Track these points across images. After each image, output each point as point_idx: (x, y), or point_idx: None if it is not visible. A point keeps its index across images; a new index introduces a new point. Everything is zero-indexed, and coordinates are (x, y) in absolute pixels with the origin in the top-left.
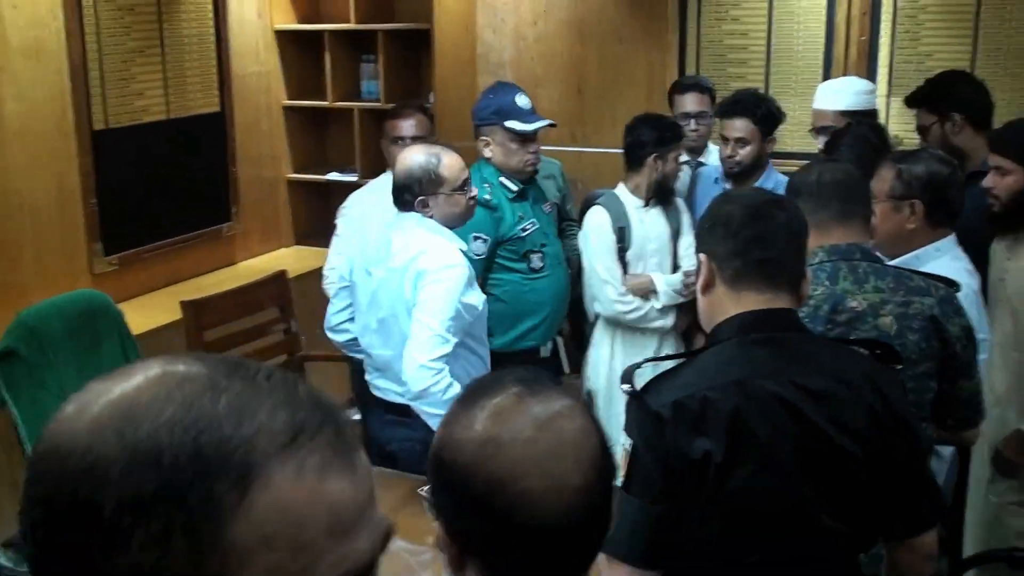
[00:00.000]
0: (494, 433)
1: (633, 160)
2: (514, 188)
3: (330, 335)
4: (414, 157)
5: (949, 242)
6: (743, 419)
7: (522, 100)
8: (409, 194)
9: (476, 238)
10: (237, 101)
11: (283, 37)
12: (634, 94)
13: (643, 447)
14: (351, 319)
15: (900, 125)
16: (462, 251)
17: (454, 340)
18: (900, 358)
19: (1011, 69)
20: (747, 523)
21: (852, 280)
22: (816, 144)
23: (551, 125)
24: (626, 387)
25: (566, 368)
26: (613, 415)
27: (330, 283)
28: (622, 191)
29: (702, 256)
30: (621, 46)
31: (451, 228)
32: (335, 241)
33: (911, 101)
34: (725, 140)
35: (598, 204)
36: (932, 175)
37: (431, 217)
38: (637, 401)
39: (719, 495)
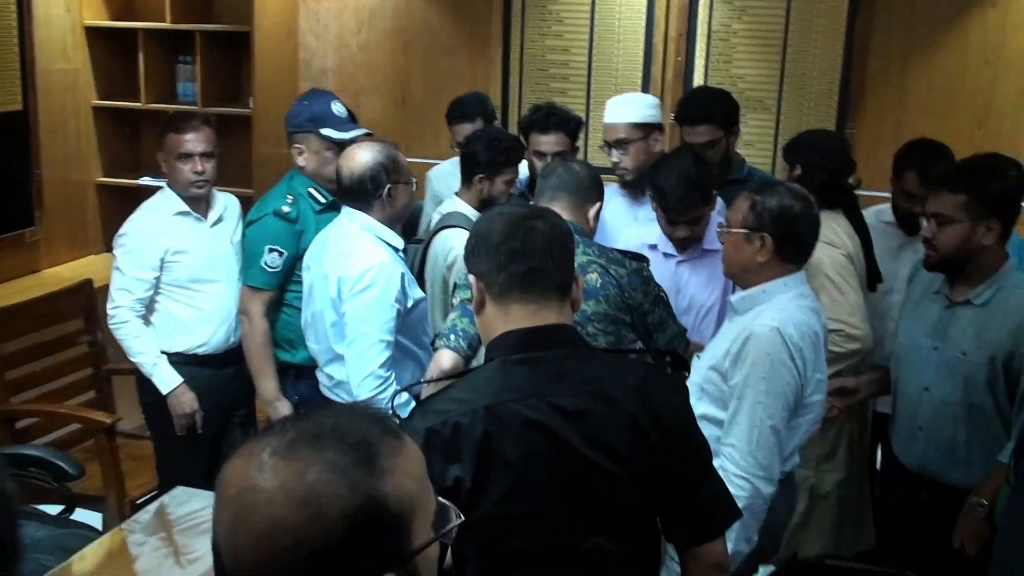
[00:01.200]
0: None
1: (464, 175)
2: (323, 200)
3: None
4: (373, 149)
5: (796, 279)
6: (493, 444)
7: (337, 107)
8: (373, 184)
9: (271, 250)
10: (42, 99)
11: (93, 34)
12: None
13: None
14: None
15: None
16: (397, 248)
17: (392, 340)
18: (687, 365)
19: (814, 94)
20: (502, 548)
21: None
22: (609, 158)
23: (367, 134)
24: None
25: None
26: None
27: (119, 322)
28: (465, 208)
29: (471, 277)
30: (445, 58)
31: (400, 220)
32: (116, 276)
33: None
34: (540, 155)
35: (458, 229)
36: (784, 210)
37: (390, 209)
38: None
39: (470, 521)
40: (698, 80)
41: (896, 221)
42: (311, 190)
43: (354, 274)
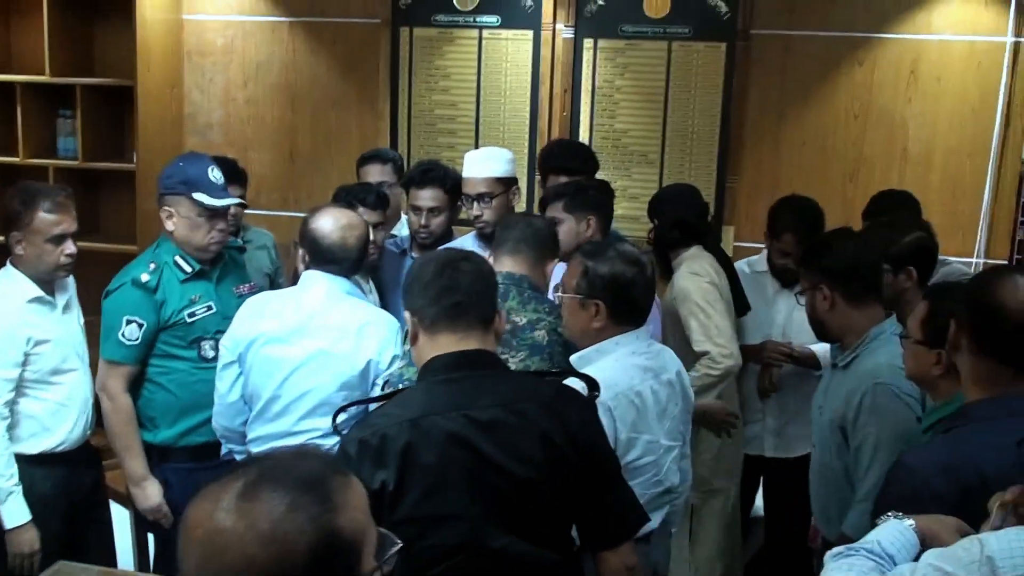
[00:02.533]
0: None
1: None
2: (188, 269)
3: None
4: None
5: (630, 337)
6: (414, 452)
7: (215, 174)
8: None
9: (129, 321)
10: None
11: None
12: (347, 160)
13: None
14: None
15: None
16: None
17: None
18: (599, 387)
19: (696, 148)
20: (420, 546)
21: (519, 301)
22: (469, 212)
23: (241, 204)
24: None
25: None
26: None
27: None
28: None
29: (407, 313)
30: (333, 112)
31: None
32: None
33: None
34: (417, 210)
35: None
36: (615, 277)
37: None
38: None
39: (394, 519)
40: (583, 134)
41: (771, 272)
42: (177, 258)
43: (388, 354)
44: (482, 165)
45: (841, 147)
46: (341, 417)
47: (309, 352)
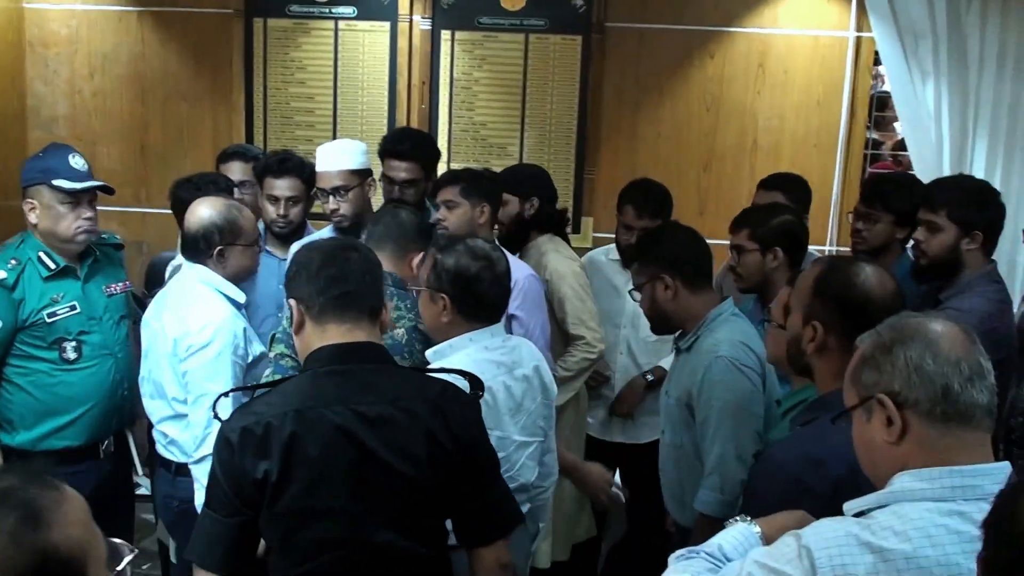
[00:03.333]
0: None
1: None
2: (53, 266)
3: None
4: (213, 205)
5: (485, 333)
6: (299, 443)
7: (76, 161)
8: (205, 243)
9: None
10: None
11: None
12: (200, 154)
13: (218, 467)
14: None
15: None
16: (239, 303)
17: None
18: (483, 386)
19: (554, 140)
20: (301, 537)
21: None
22: (325, 206)
23: (104, 188)
24: (212, 414)
25: (139, 467)
26: None
27: None
28: None
29: (291, 301)
30: (186, 104)
31: (241, 279)
32: None
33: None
34: (274, 200)
35: None
36: (460, 271)
37: (222, 270)
38: (221, 427)
39: (275, 510)
40: (443, 127)
41: (620, 256)
42: (41, 254)
43: (193, 330)
44: (336, 158)
45: (695, 139)
46: (223, 403)
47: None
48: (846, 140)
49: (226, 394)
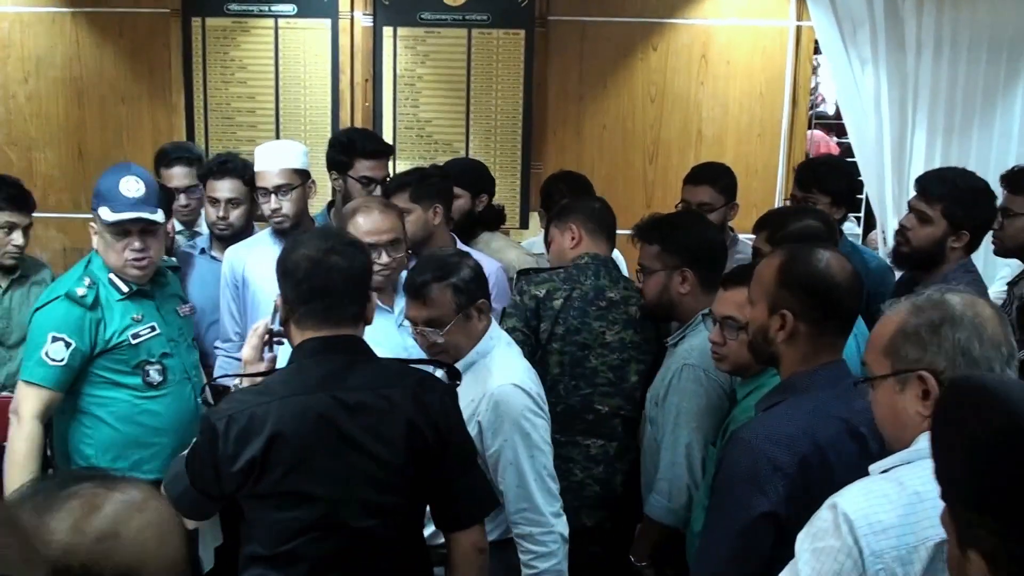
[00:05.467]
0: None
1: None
2: (124, 289)
3: None
4: None
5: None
6: (282, 430)
7: (129, 186)
8: None
9: (55, 339)
10: None
11: None
12: (140, 157)
13: (203, 452)
14: None
15: None
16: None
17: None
18: (459, 375)
19: (500, 135)
20: (282, 520)
21: (609, 279)
22: (266, 206)
23: (148, 221)
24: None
25: None
26: None
27: None
28: None
29: (278, 299)
30: (124, 107)
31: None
32: None
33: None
34: (215, 202)
35: None
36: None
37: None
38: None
39: (255, 491)
40: (387, 124)
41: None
42: (112, 276)
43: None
44: (277, 157)
45: (640, 130)
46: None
47: None
48: (789, 129)
49: (211, 383)
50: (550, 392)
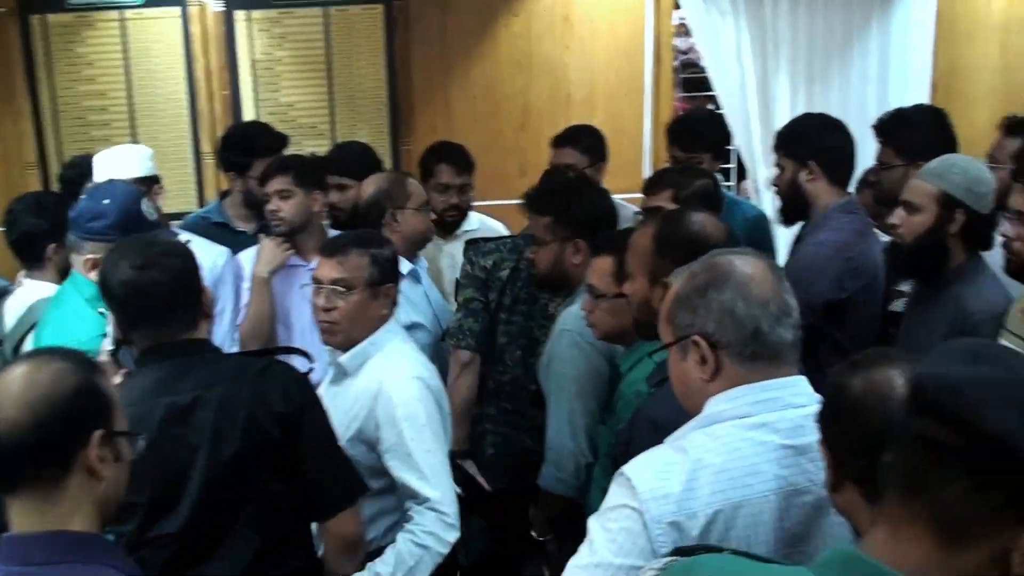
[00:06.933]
0: None
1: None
2: None
3: None
4: None
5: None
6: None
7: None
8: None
9: None
10: None
11: None
12: None
13: None
14: None
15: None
16: None
17: None
18: (312, 358)
19: (366, 114)
20: (128, 532)
21: None
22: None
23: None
24: None
25: None
26: None
27: None
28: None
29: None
30: None
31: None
32: None
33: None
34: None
35: None
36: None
37: None
38: None
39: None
40: (248, 111)
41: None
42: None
43: None
44: (120, 166)
45: (509, 98)
46: None
47: None
48: (654, 85)
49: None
50: (497, 362)
